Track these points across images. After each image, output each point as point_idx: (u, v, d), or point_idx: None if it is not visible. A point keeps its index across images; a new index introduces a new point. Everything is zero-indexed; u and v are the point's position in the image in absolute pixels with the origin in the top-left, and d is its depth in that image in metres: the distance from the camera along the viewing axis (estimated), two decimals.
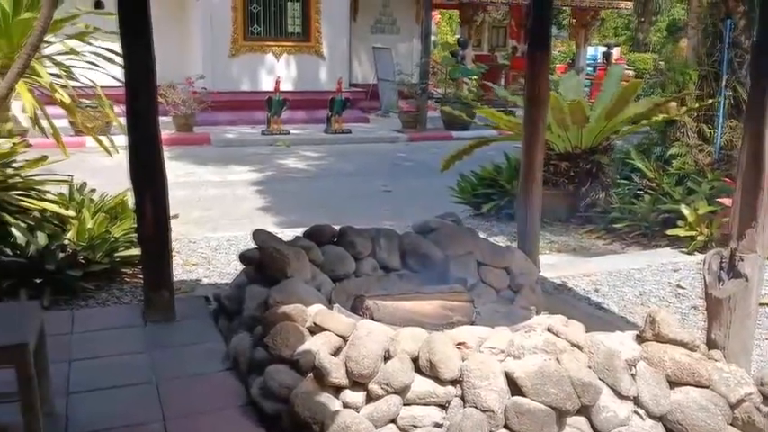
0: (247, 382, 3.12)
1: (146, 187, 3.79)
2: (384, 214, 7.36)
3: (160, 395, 3.10)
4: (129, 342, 3.66)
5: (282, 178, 10.07)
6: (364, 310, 3.35)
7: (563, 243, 6.60)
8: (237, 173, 10.29)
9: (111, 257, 5.14)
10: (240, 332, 3.44)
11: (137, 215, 3.91)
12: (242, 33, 14.17)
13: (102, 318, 4.11)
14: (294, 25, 14.88)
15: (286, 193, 8.94)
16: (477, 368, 2.77)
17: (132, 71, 3.66)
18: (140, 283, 5.09)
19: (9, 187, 5.15)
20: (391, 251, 4.05)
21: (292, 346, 2.93)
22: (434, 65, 17.61)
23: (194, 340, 3.69)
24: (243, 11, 14.09)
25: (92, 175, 6.22)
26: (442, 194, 7.74)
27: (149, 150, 3.75)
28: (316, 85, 14.77)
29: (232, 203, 8.33)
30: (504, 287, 4.17)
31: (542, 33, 4.55)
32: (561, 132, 6.88)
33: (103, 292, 4.88)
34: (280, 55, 14.58)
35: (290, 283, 3.38)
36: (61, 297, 4.68)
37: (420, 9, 16.69)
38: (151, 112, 3.73)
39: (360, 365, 2.75)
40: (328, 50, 14.91)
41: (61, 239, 5.04)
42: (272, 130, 13.14)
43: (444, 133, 14.28)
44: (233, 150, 12.01)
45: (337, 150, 12.40)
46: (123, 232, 5.39)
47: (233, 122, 13.82)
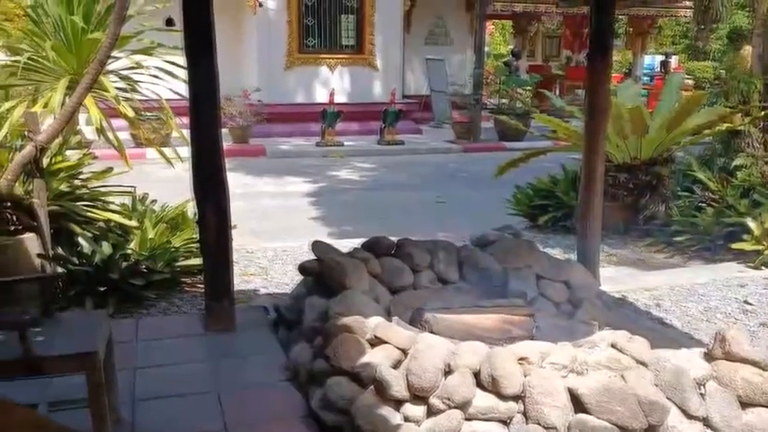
0: (307, 394, 3.14)
1: (208, 198, 3.86)
2: (438, 226, 7.33)
3: (222, 405, 3.14)
4: (191, 351, 3.72)
5: (336, 189, 10.13)
6: (423, 323, 3.33)
7: (621, 256, 6.47)
8: (292, 184, 10.39)
9: (171, 267, 5.25)
10: (300, 343, 3.47)
11: (199, 225, 3.98)
12: (297, 46, 14.36)
13: (165, 326, 4.19)
14: (348, 38, 15.02)
15: (340, 205, 8.99)
16: (539, 384, 2.72)
17: (196, 85, 3.74)
18: (200, 293, 5.19)
19: (76, 198, 5.31)
20: (449, 264, 4.02)
21: (353, 359, 2.93)
22: (488, 75, 17.52)
23: (254, 350, 3.73)
24: (298, 24, 14.28)
25: (151, 187, 6.36)
26: (496, 206, 7.68)
27: (212, 162, 3.82)
28: (369, 97, 14.85)
29: (287, 214, 8.42)
30: (563, 301, 4.11)
31: (603, 42, 4.49)
32: (620, 143, 6.75)
33: (164, 300, 4.98)
34: (334, 67, 14.72)
35: (350, 295, 3.39)
36: (124, 305, 4.80)
37: (473, 20, 16.67)
38: (214, 125, 3.80)
39: (421, 379, 2.74)
40: (382, 62, 14.99)
41: (124, 249, 5.16)
42: (326, 142, 13.25)
43: (498, 144, 14.18)
44: (288, 162, 12.15)
45: (390, 162, 12.42)
46: (183, 242, 5.50)
47: (288, 134, 13.99)
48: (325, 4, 14.57)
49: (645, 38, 20.35)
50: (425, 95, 16.52)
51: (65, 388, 3.06)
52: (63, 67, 5.88)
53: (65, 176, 5.28)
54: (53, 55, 5.74)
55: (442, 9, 17.31)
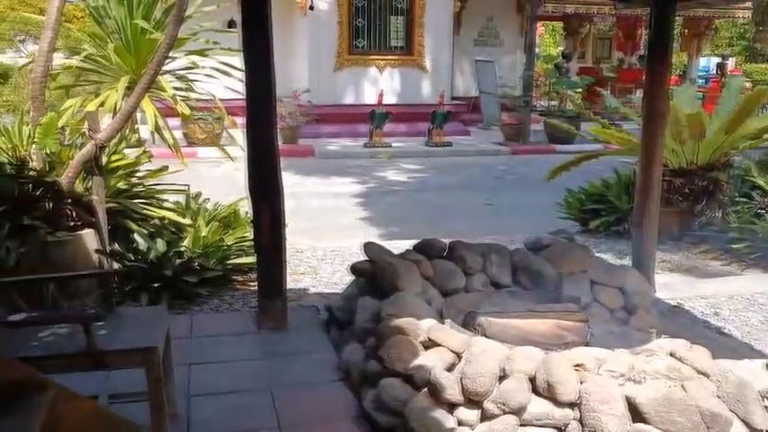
0: (360, 394, 3.14)
1: (263, 197, 3.90)
2: (486, 228, 7.28)
3: (275, 402, 3.17)
4: (244, 348, 3.77)
5: (384, 190, 10.14)
6: (476, 327, 3.31)
7: (676, 262, 6.32)
8: (340, 184, 10.44)
9: (223, 265, 5.33)
10: (352, 343, 3.48)
11: (253, 224, 4.03)
12: (346, 47, 14.44)
13: (219, 323, 4.24)
14: (397, 39, 15.03)
15: (387, 206, 9.00)
16: (596, 391, 2.68)
17: (253, 85, 3.78)
18: (250, 290, 5.25)
19: (133, 196, 5.43)
20: (502, 267, 3.99)
21: (406, 361, 2.93)
22: (537, 77, 17.34)
23: (306, 349, 3.75)
24: (348, 25, 14.36)
25: (201, 185, 6.45)
26: (546, 209, 7.58)
27: (267, 162, 3.86)
28: (418, 98, 14.83)
29: (335, 214, 8.46)
30: (618, 307, 4.03)
31: (662, 44, 4.39)
32: (676, 147, 6.60)
33: (216, 298, 5.05)
34: (383, 68, 14.75)
35: (402, 297, 3.39)
36: (177, 302, 4.88)
37: (524, 21, 16.52)
38: (270, 126, 3.84)
39: (476, 383, 2.72)
40: (431, 63, 14.96)
41: (178, 246, 5.26)
42: (374, 143, 13.28)
43: (547, 147, 14.02)
44: (335, 162, 12.21)
45: (438, 163, 12.38)
46: (235, 240, 5.58)
47: (336, 135, 14.06)
48: (375, 6, 14.61)
49: (700, 39, 19.87)
50: (474, 97, 16.43)
51: (123, 381, 3.12)
52: (122, 67, 6.02)
53: (122, 174, 5.40)
54: (114, 56, 5.88)
55: (493, 10, 17.18)
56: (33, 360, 2.41)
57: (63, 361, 2.52)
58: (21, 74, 13.84)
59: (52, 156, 5.10)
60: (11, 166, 4.91)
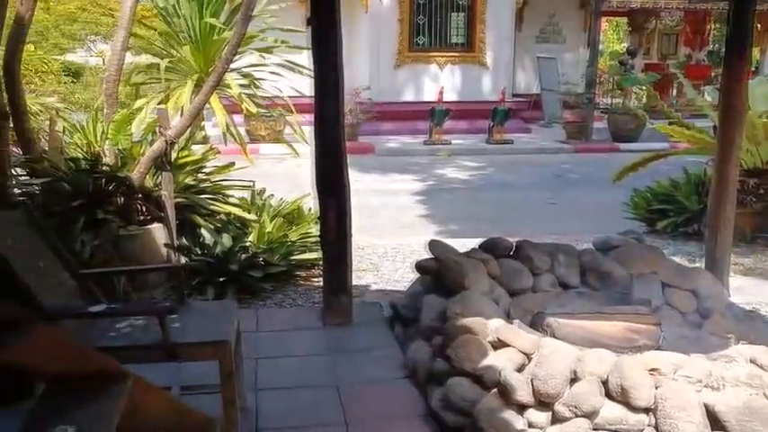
0: (426, 392, 3.13)
1: (329, 194, 3.92)
2: (549, 228, 7.16)
3: (341, 398, 3.18)
4: (309, 343, 3.80)
5: (443, 188, 10.10)
6: (545, 328, 3.26)
7: (749, 265, 6.09)
8: (399, 182, 10.44)
9: (287, 260, 5.38)
10: (417, 341, 3.46)
11: (320, 220, 4.05)
12: (407, 44, 14.42)
13: (285, 318, 4.29)
14: (458, 36, 14.94)
15: (447, 203, 8.95)
16: (672, 397, 2.60)
17: (321, 83, 3.80)
18: (314, 286, 5.29)
19: (200, 191, 5.53)
20: (570, 267, 3.92)
21: (475, 360, 2.90)
22: (601, 74, 16.98)
23: (371, 346, 3.76)
24: (409, 22, 14.34)
25: (264, 181, 6.52)
26: (610, 209, 7.42)
27: (334, 160, 3.87)
28: (478, 95, 14.71)
29: (395, 212, 8.46)
30: (690, 311, 3.91)
31: (741, 40, 4.22)
32: (751, 147, 6.37)
33: (280, 293, 5.11)
34: (443, 65, 14.68)
35: (469, 296, 3.36)
36: (242, 296, 4.95)
37: (587, 17, 16.20)
38: (337, 124, 3.85)
39: (547, 385, 2.67)
40: (492, 60, 14.82)
41: (243, 242, 5.33)
42: (434, 140, 13.23)
43: (611, 145, 13.72)
44: (395, 160, 12.21)
45: (499, 161, 12.26)
46: (299, 236, 5.63)
47: (395, 132, 14.06)
48: (436, 2, 14.55)
49: None
50: (535, 94, 16.20)
51: (193, 373, 3.18)
52: (191, 65, 6.14)
53: (190, 170, 5.51)
54: (186, 54, 6.00)
55: (555, 6, 16.90)
56: (111, 350, 2.47)
57: (139, 352, 2.58)
58: (91, 72, 14.29)
59: (124, 152, 5.24)
60: (85, 161, 5.06)
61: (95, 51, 16.20)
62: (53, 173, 4.94)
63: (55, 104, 6.93)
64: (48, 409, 2.19)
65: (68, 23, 15.27)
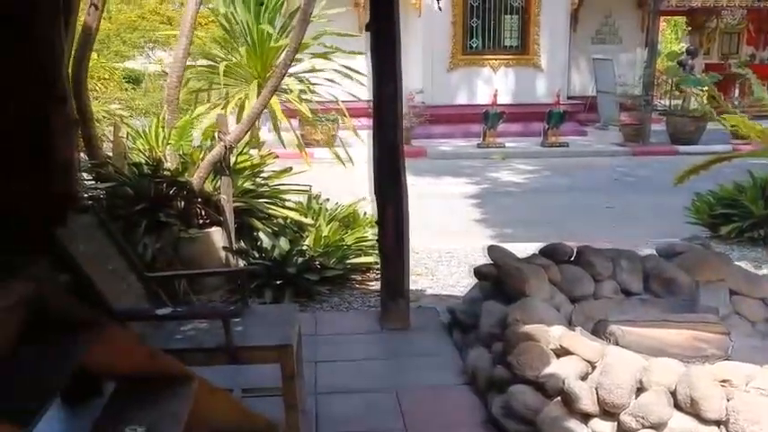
0: (486, 400, 3.10)
1: (388, 198, 3.92)
2: (607, 232, 7.03)
3: (400, 403, 3.17)
4: (368, 348, 3.81)
5: (497, 191, 10.01)
6: (608, 335, 3.19)
7: None
8: (453, 185, 10.39)
9: (343, 264, 5.41)
10: (476, 347, 3.43)
11: (378, 225, 4.06)
12: (460, 48, 14.37)
13: (342, 322, 4.31)
14: (511, 38, 14.82)
15: (501, 207, 8.86)
16: (745, 410, 2.51)
17: (380, 88, 3.81)
18: (369, 290, 5.31)
19: (258, 195, 5.61)
20: (633, 274, 3.82)
21: (537, 368, 2.86)
22: (659, 75, 16.60)
23: (429, 351, 3.74)
24: (462, 25, 14.29)
25: (318, 185, 6.57)
26: (670, 213, 7.25)
27: (393, 164, 3.88)
28: (532, 98, 14.55)
29: (448, 215, 8.42)
30: (760, 320, 3.78)
31: None
32: None
33: (336, 296, 5.13)
34: (497, 68, 14.57)
35: (530, 302, 3.31)
36: (299, 299, 5.00)
37: (645, 17, 15.86)
38: (396, 127, 3.85)
39: (613, 395, 2.61)
40: (546, 62, 14.65)
41: (300, 245, 5.38)
42: (488, 143, 13.13)
43: (669, 147, 13.40)
44: (448, 163, 12.16)
45: (554, 164, 12.09)
46: (355, 240, 5.65)
47: (448, 135, 14.01)
48: (490, 5, 14.46)
49: None
50: (591, 96, 15.92)
51: (254, 376, 3.22)
52: (249, 71, 6.23)
53: (249, 174, 5.60)
54: (244, 60, 6.10)
55: (612, 6, 16.59)
56: (176, 353, 2.52)
57: (203, 355, 2.62)
58: (150, 79, 14.65)
59: (185, 157, 5.35)
60: (148, 166, 5.19)
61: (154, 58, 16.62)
62: (117, 177, 5.08)
63: (118, 111, 7.13)
64: (118, 410, 2.25)
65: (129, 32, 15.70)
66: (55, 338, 2.21)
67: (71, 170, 2.53)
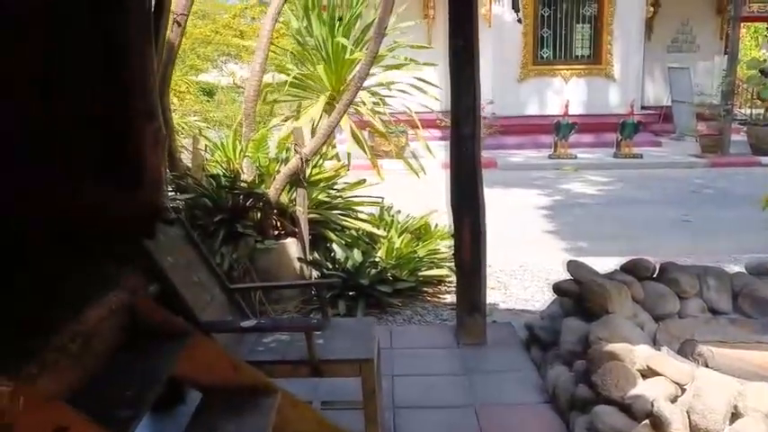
0: (568, 419, 3.02)
1: (465, 211, 3.89)
2: (685, 247, 6.80)
3: (479, 421, 3.13)
4: (444, 363, 3.77)
5: (569, 203, 9.82)
6: (696, 357, 3.07)
7: None
8: (524, 196, 10.25)
9: (415, 276, 5.40)
10: (557, 365, 3.36)
11: (455, 238, 4.02)
12: (531, 58, 14.25)
13: (418, 336, 4.29)
14: (583, 47, 14.60)
15: (574, 219, 8.69)
16: None
17: (458, 102, 3.79)
18: (441, 303, 5.27)
19: (332, 207, 5.66)
20: (721, 292, 3.67)
21: (622, 389, 2.77)
22: (738, 84, 16.03)
23: (507, 367, 3.68)
24: (533, 35, 14.16)
25: (388, 197, 6.55)
26: (753, 227, 6.96)
27: (470, 176, 3.84)
28: (605, 108, 14.28)
29: (520, 228, 8.30)
30: None
31: None
32: None
33: (408, 308, 5.12)
34: (568, 78, 14.36)
35: (613, 320, 3.22)
36: (372, 311, 5.00)
37: (724, 24, 15.37)
38: (474, 139, 3.82)
39: (706, 419, 2.51)
40: (620, 72, 14.35)
41: (373, 257, 5.40)
42: (559, 154, 12.93)
43: (751, 158, 12.90)
44: (519, 174, 12.02)
45: (627, 176, 11.80)
46: (427, 253, 5.63)
47: (519, 146, 13.87)
48: (561, 14, 14.29)
49: None
50: (666, 106, 15.50)
51: (332, 388, 3.23)
52: (323, 84, 6.30)
53: (323, 186, 5.65)
54: (318, 73, 6.17)
55: (688, 13, 16.13)
56: (259, 364, 2.55)
57: (285, 367, 2.64)
58: (223, 92, 15.02)
59: (261, 169, 5.45)
60: (225, 178, 5.29)
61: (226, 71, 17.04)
62: (196, 189, 5.20)
63: (197, 123, 7.31)
64: (205, 420, 2.29)
65: (203, 46, 16.16)
66: (147, 348, 2.28)
67: (160, 183, 2.59)
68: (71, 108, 2.34)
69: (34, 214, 2.33)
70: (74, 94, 2.36)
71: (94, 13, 2.27)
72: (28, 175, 2.27)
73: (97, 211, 2.45)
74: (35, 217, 2.33)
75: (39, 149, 2.31)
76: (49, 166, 2.33)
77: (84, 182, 2.31)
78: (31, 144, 2.25)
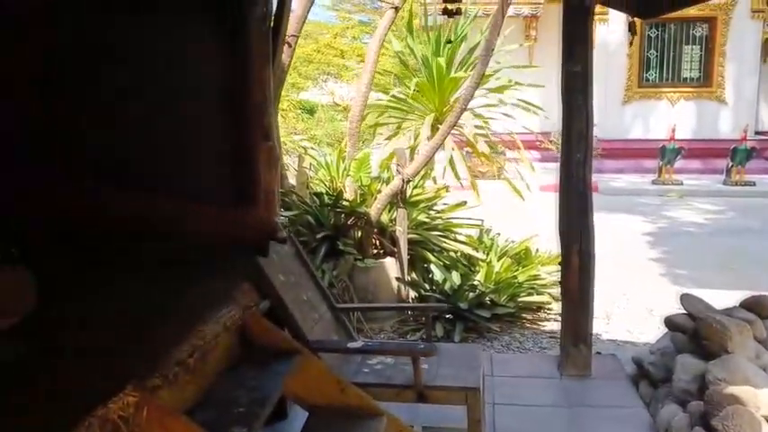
0: None
1: (574, 237, 3.78)
2: None
3: None
4: (547, 394, 3.65)
5: (675, 231, 9.41)
6: None
7: None
8: (627, 222, 9.90)
9: (514, 302, 5.29)
10: (669, 404, 3.19)
11: (562, 265, 3.91)
12: (636, 80, 13.83)
13: (519, 364, 4.18)
14: (692, 69, 14.04)
15: (680, 248, 8.31)
16: None
17: (570, 124, 3.71)
18: (540, 330, 5.14)
19: (431, 228, 5.64)
20: None
21: None
22: None
23: (614, 402, 3.53)
24: (638, 57, 13.75)
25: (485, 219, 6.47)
26: None
27: (581, 201, 3.74)
28: (714, 133, 13.65)
29: (623, 254, 8.01)
30: None
31: None
32: None
33: (506, 335, 5.01)
34: (675, 101, 13.84)
35: (734, 361, 3.03)
36: (469, 335, 4.93)
37: None
38: (585, 164, 3.73)
39: None
40: (732, 95, 13.70)
41: (471, 280, 5.33)
42: (664, 180, 12.45)
43: None
44: (621, 199, 11.63)
45: (739, 204, 11.20)
46: (527, 278, 5.51)
47: (621, 170, 13.44)
48: (669, 36, 13.81)
49: None
50: None
51: (431, 412, 3.18)
52: (426, 105, 6.32)
53: (423, 207, 5.64)
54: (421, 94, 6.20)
55: None
56: (365, 386, 2.54)
57: (390, 391, 2.62)
58: (323, 110, 15.33)
59: (363, 188, 5.50)
60: (328, 196, 5.38)
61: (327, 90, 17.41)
62: (300, 206, 5.31)
63: (301, 142, 7.49)
64: None
65: (305, 64, 16.58)
66: (258, 365, 2.31)
67: (273, 201, 2.64)
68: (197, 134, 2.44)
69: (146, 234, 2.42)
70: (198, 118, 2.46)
71: (220, 40, 2.36)
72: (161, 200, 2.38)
73: (212, 228, 2.52)
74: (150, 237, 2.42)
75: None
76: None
77: (206, 200, 2.38)
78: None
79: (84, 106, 2.34)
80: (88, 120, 2.36)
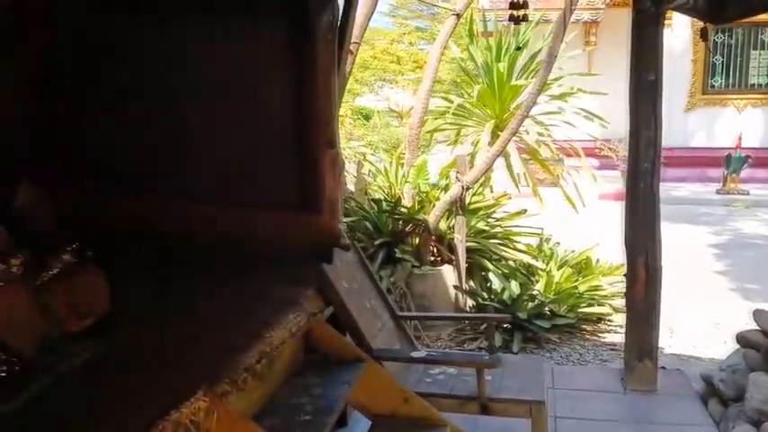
0: None
1: (641, 249, 3.69)
2: None
3: None
4: (611, 408, 3.57)
5: (741, 243, 9.10)
6: None
7: None
8: (690, 233, 9.62)
9: (575, 312, 5.19)
10: (741, 424, 3.07)
11: (627, 276, 3.82)
12: (700, 86, 13.44)
13: (580, 377, 4.10)
14: (760, 75, 13.58)
15: (747, 260, 8.03)
16: None
17: (638, 132, 3.63)
18: (601, 342, 5.04)
19: (490, 236, 5.58)
20: None
21: None
22: None
23: (681, 420, 3.42)
24: (703, 63, 13.36)
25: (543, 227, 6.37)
26: None
27: (649, 212, 3.64)
28: None
29: (686, 266, 7.77)
30: None
31: None
32: None
33: (565, 346, 4.92)
34: (742, 108, 13.40)
35: None
36: (527, 345, 4.85)
37: None
38: (653, 174, 3.63)
39: None
40: None
41: (531, 289, 5.25)
42: (729, 190, 12.05)
43: None
44: (684, 209, 11.30)
45: None
46: (588, 288, 5.41)
47: (682, 179, 13.06)
48: (736, 41, 13.39)
49: None
50: None
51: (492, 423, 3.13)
52: (486, 111, 6.26)
53: (482, 215, 5.59)
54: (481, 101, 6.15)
55: None
56: (428, 396, 2.52)
57: (453, 402, 2.60)
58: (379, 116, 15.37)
59: (422, 195, 5.48)
60: (386, 203, 5.38)
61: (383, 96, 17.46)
62: (358, 212, 5.32)
63: (360, 148, 7.52)
64: None
65: (361, 70, 16.65)
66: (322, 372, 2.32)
67: (337, 209, 2.64)
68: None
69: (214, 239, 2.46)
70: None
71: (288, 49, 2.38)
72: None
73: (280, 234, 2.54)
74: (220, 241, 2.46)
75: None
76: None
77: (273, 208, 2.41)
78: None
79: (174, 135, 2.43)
80: (176, 149, 2.44)
